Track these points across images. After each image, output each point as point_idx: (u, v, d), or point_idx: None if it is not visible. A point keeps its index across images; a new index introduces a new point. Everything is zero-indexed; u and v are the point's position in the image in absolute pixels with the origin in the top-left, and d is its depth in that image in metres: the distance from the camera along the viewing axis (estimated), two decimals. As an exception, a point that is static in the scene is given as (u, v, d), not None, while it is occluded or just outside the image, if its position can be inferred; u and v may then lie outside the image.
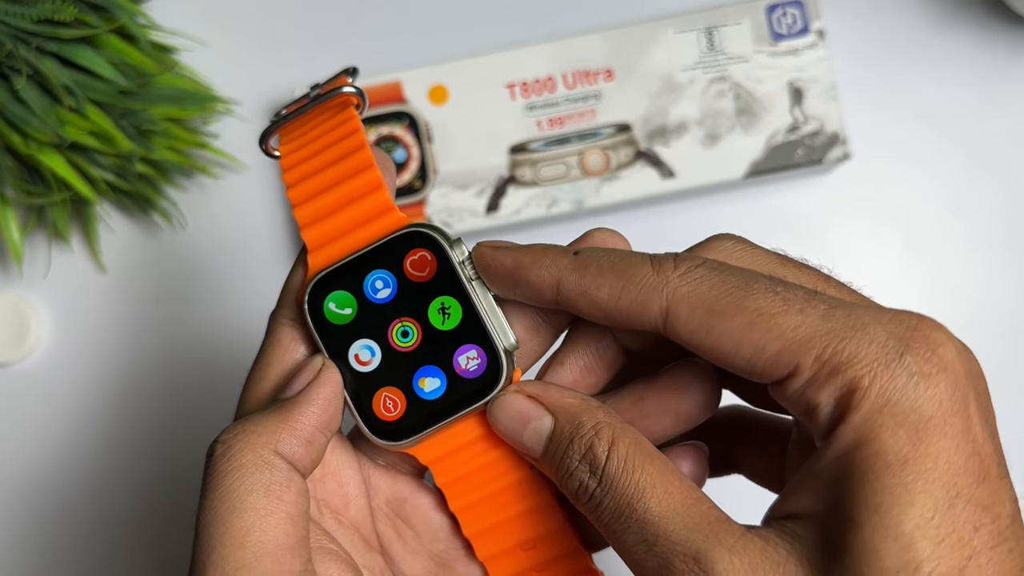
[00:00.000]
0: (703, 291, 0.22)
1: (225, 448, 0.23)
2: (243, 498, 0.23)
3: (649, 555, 0.22)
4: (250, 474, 0.23)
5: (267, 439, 0.23)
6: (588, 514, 0.24)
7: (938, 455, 0.20)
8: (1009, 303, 0.48)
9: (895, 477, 0.20)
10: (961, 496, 0.20)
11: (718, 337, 0.22)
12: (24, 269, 0.49)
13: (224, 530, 0.22)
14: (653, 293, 0.23)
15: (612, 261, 0.24)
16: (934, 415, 0.20)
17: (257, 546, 0.22)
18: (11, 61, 0.40)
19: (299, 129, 0.27)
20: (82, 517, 0.49)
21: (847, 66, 0.49)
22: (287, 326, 0.26)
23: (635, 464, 0.23)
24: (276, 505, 0.23)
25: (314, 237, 0.26)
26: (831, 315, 0.21)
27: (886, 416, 0.20)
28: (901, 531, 0.19)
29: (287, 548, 0.23)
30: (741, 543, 0.21)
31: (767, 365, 0.21)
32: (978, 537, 0.20)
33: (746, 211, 0.49)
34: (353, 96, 0.27)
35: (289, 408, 0.24)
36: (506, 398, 0.25)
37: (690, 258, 0.23)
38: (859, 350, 0.21)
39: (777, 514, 0.22)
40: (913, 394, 0.20)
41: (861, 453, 0.20)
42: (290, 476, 0.23)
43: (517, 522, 0.27)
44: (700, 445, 0.27)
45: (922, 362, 0.20)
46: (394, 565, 0.27)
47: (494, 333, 0.25)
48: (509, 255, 0.25)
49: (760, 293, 0.22)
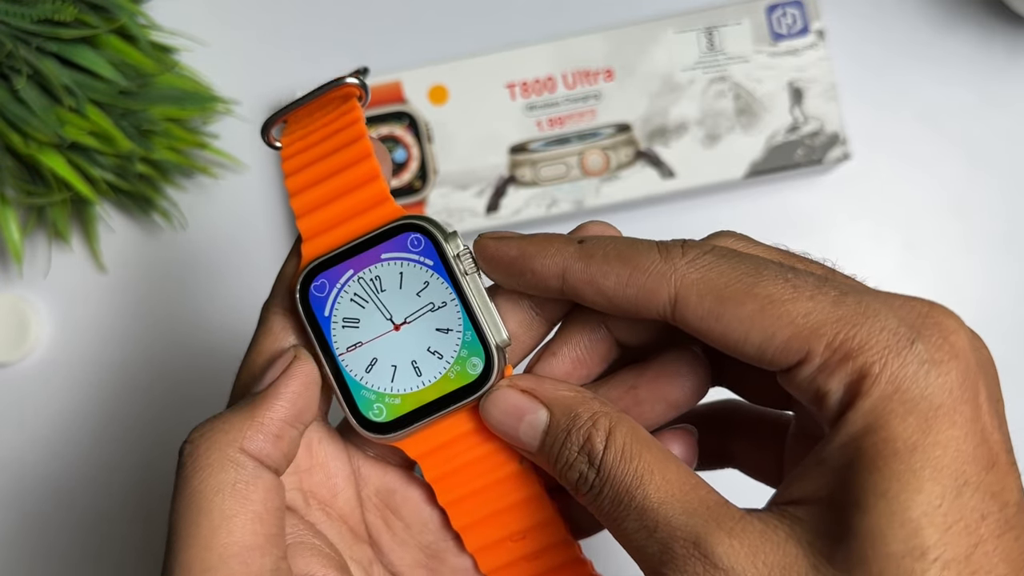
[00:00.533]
0: (712, 277, 0.22)
1: (192, 448, 0.23)
2: (209, 499, 0.22)
3: (649, 541, 0.22)
4: (215, 474, 0.23)
5: (233, 436, 0.23)
6: (587, 504, 0.24)
7: (947, 443, 0.20)
8: (1009, 303, 0.48)
9: (903, 464, 0.20)
10: (969, 484, 0.20)
11: (728, 324, 0.22)
12: (24, 269, 0.49)
13: (191, 532, 0.22)
14: (661, 280, 0.23)
15: (619, 248, 0.23)
16: (944, 403, 0.20)
17: (223, 548, 0.22)
18: (11, 61, 0.40)
19: (301, 120, 0.27)
20: (82, 516, 0.49)
21: (847, 66, 0.49)
22: (278, 315, 0.26)
23: (632, 452, 0.23)
24: (242, 504, 0.22)
25: (308, 226, 0.26)
26: (842, 302, 0.21)
27: (896, 403, 0.20)
28: (908, 517, 0.19)
29: (255, 548, 0.22)
30: (740, 526, 0.21)
31: (777, 352, 0.21)
32: (985, 525, 0.20)
33: (746, 211, 0.49)
34: (355, 88, 0.26)
35: (258, 403, 0.24)
36: (499, 393, 0.25)
37: (698, 245, 0.23)
38: (870, 337, 0.21)
39: (780, 500, 0.22)
40: (924, 381, 0.20)
41: (870, 439, 0.20)
42: (257, 473, 0.23)
43: (507, 514, 0.27)
44: (689, 428, 0.27)
45: (933, 349, 0.20)
46: (383, 556, 0.27)
47: (486, 328, 0.25)
48: (513, 245, 0.25)
49: (770, 280, 0.22)
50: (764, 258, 0.23)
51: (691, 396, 0.26)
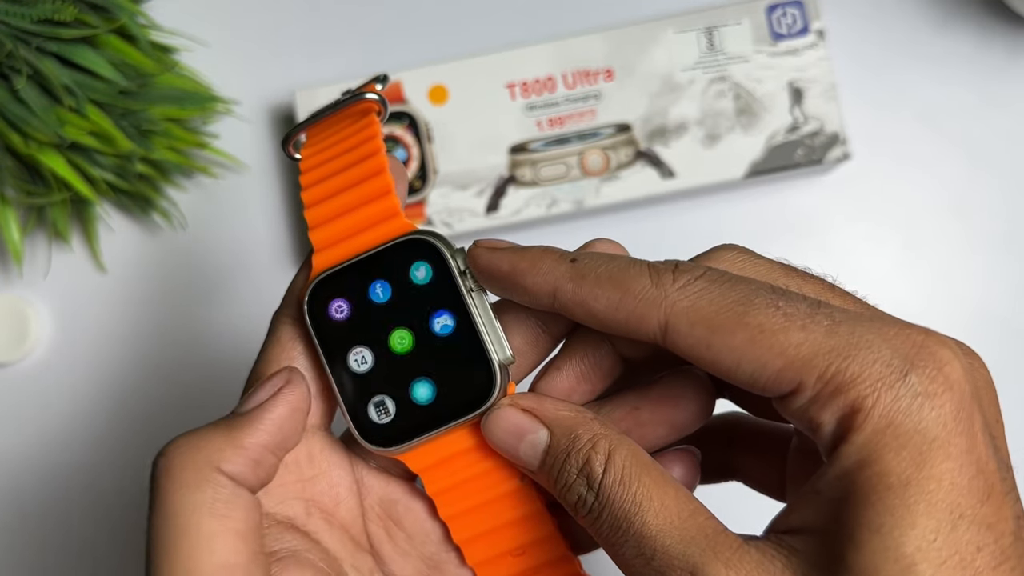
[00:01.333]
0: (703, 305, 0.22)
1: (166, 463, 0.22)
2: (186, 518, 0.22)
3: (647, 569, 0.22)
4: (192, 493, 0.22)
5: (209, 455, 0.23)
6: (587, 526, 0.23)
7: (942, 476, 0.20)
8: (1009, 303, 0.48)
9: (897, 498, 0.20)
10: (964, 517, 0.20)
11: (718, 352, 0.22)
12: (24, 269, 0.49)
13: (170, 552, 0.22)
14: (651, 307, 0.22)
15: (610, 271, 0.23)
16: (938, 436, 0.20)
17: (204, 568, 0.21)
18: (11, 61, 0.40)
19: (321, 134, 0.27)
20: (81, 516, 0.49)
21: (847, 66, 0.49)
22: (288, 325, 0.26)
23: (631, 477, 0.22)
24: (222, 523, 0.22)
25: (321, 238, 0.26)
26: (834, 331, 0.21)
27: (889, 437, 0.20)
28: (902, 553, 0.19)
29: (239, 567, 0.22)
30: (737, 556, 0.21)
31: (769, 382, 0.21)
32: (980, 557, 0.20)
33: (746, 211, 0.49)
34: (375, 103, 0.27)
35: (240, 425, 0.23)
36: (500, 412, 0.25)
37: (690, 269, 0.23)
38: (862, 369, 0.20)
39: (778, 527, 0.22)
40: (917, 415, 0.20)
41: (864, 473, 0.20)
42: (236, 492, 0.23)
43: (508, 530, 0.27)
44: (692, 450, 0.27)
45: (927, 381, 0.20)
46: (384, 566, 0.27)
47: (490, 346, 0.25)
48: (505, 258, 0.25)
49: (761, 308, 0.21)
50: (757, 283, 0.22)
51: (694, 419, 0.26)
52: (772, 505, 0.25)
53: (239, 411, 0.24)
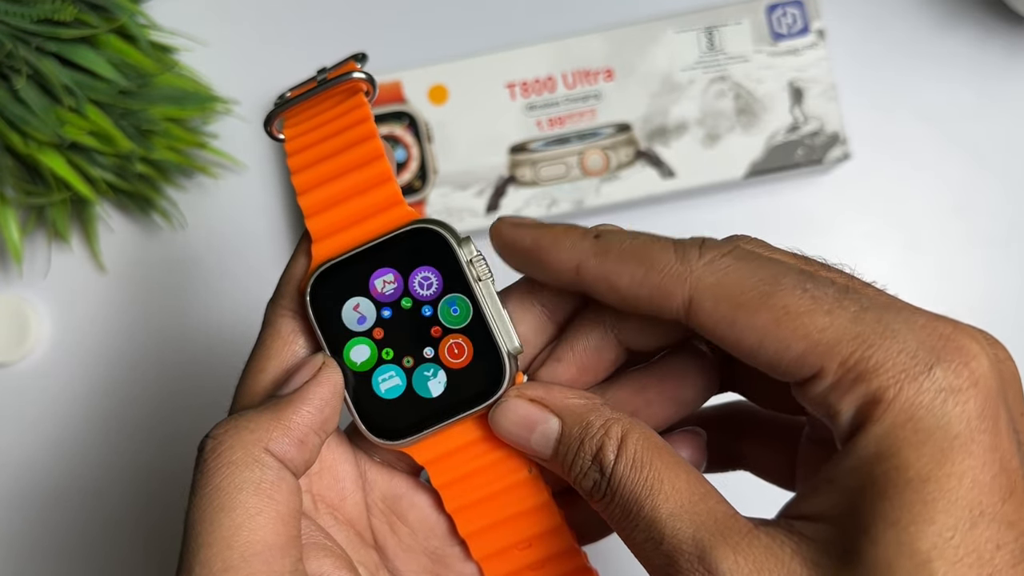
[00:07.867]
0: (729, 283, 0.22)
1: (215, 444, 0.23)
2: (232, 496, 0.22)
3: (656, 553, 0.22)
4: (240, 471, 0.22)
5: (259, 436, 0.23)
6: (601, 511, 0.23)
7: (963, 474, 0.19)
8: (1010, 303, 0.48)
9: (916, 494, 0.19)
10: (985, 515, 0.19)
11: (741, 331, 0.21)
12: (24, 269, 0.49)
13: (212, 529, 0.22)
14: (676, 282, 0.22)
15: (635, 246, 0.23)
16: (960, 433, 0.19)
17: (245, 546, 0.21)
18: (11, 61, 0.39)
19: (306, 112, 0.26)
20: (81, 516, 0.49)
21: (847, 66, 0.49)
22: (287, 317, 0.26)
23: (644, 460, 0.22)
24: (266, 504, 0.22)
25: (319, 227, 0.26)
26: (861, 318, 0.21)
27: (909, 432, 0.20)
28: (917, 548, 0.19)
29: (277, 548, 0.22)
30: (747, 541, 0.21)
31: (790, 364, 0.21)
32: (1000, 555, 0.19)
33: (746, 211, 0.49)
34: (363, 83, 0.26)
35: (284, 406, 0.23)
36: (509, 403, 0.25)
37: (717, 246, 0.22)
38: (887, 359, 0.20)
39: (790, 513, 0.22)
40: (940, 411, 0.20)
41: (881, 466, 0.20)
42: (281, 475, 0.23)
43: (514, 522, 0.26)
44: (698, 431, 0.27)
45: (952, 376, 0.20)
46: (389, 561, 0.27)
47: (498, 336, 0.25)
48: (528, 234, 0.24)
49: (788, 289, 0.21)
50: (786, 264, 0.22)
51: (701, 394, 0.26)
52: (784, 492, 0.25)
53: (280, 394, 0.24)
